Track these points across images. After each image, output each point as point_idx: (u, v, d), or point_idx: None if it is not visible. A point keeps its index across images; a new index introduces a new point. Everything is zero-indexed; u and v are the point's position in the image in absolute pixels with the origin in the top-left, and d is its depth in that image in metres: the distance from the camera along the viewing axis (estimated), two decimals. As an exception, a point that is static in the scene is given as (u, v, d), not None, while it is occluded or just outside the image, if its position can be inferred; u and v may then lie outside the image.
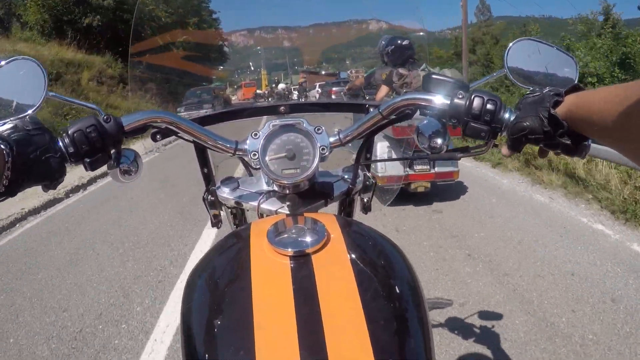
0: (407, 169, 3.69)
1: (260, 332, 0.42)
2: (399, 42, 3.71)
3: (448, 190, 4.23)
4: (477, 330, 1.92)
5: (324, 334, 0.41)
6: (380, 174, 3.60)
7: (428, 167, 3.75)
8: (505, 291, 2.36)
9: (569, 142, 0.50)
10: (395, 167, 3.52)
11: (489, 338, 1.91)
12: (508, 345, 1.88)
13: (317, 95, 3.94)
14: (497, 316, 2.06)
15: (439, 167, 3.78)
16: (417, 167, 3.74)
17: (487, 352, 1.83)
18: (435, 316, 2.01)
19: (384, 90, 3.72)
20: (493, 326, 1.98)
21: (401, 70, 3.66)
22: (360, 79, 4.11)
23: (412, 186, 3.78)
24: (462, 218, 3.64)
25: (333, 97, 3.98)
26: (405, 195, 3.89)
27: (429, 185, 3.80)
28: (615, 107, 0.41)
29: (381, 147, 3.72)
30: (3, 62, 0.63)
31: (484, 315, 2.03)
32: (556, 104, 0.50)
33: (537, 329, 2.00)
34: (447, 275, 2.60)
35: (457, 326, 1.96)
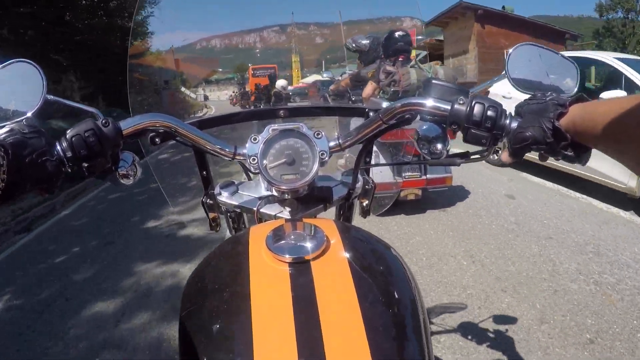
0: (396, 176, 3.41)
1: (259, 339, 0.42)
2: (395, 34, 3.34)
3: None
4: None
5: (322, 341, 0.41)
6: None
7: (419, 173, 3.52)
8: None
9: (571, 153, 0.51)
10: (384, 174, 3.23)
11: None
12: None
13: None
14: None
15: (431, 174, 3.55)
16: (407, 174, 3.50)
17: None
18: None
19: (370, 87, 3.41)
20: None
21: (388, 68, 3.34)
22: (346, 79, 3.85)
23: (402, 194, 3.54)
24: None
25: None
26: (395, 204, 3.64)
27: (419, 192, 3.60)
28: (619, 119, 0.41)
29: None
30: (0, 65, 0.62)
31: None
32: (560, 115, 0.50)
33: None
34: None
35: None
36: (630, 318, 2.10)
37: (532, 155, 0.60)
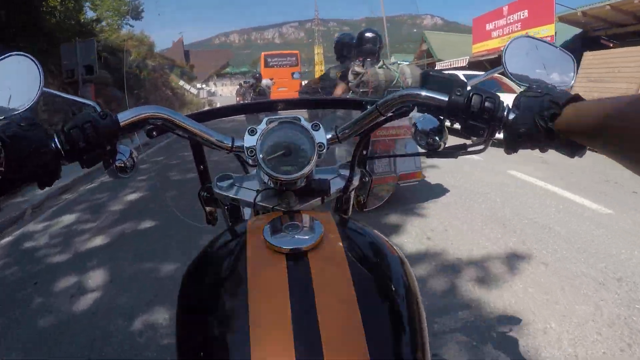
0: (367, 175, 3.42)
1: (256, 330, 0.42)
2: (365, 35, 3.43)
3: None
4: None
5: (319, 333, 0.41)
6: None
7: (389, 169, 3.48)
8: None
9: (564, 151, 0.52)
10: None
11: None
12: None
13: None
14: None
15: (401, 169, 3.53)
16: (378, 171, 3.46)
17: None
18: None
19: (340, 88, 3.44)
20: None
21: (357, 68, 3.33)
22: (316, 79, 3.91)
23: (375, 190, 3.46)
24: None
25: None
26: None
27: (393, 188, 3.56)
28: (611, 119, 0.41)
29: (339, 153, 3.16)
30: None
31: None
32: (554, 116, 0.50)
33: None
34: None
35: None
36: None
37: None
